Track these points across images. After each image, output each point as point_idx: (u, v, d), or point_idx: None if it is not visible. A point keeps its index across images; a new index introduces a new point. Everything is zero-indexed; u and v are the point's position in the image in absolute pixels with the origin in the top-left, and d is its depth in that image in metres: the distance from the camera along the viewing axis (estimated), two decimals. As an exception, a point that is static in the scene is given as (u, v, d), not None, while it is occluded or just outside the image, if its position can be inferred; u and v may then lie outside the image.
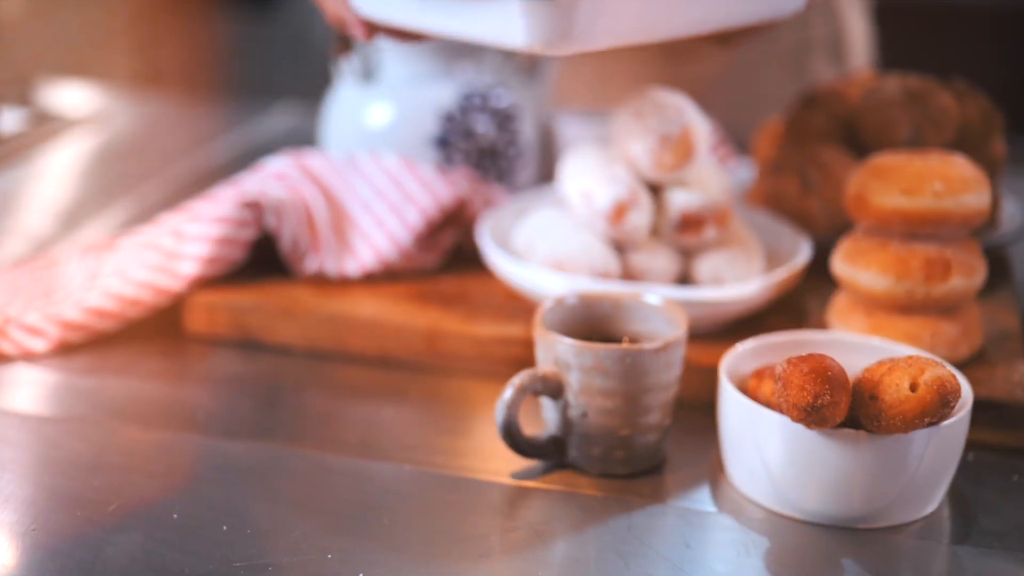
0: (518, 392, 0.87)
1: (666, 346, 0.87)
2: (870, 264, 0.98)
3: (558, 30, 0.86)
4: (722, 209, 1.07)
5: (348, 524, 0.82)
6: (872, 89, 1.21)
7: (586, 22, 0.86)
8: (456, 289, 1.14)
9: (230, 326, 1.10)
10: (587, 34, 0.87)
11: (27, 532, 0.80)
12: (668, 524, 0.84)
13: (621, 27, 0.89)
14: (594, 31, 0.87)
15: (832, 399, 0.78)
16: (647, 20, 0.90)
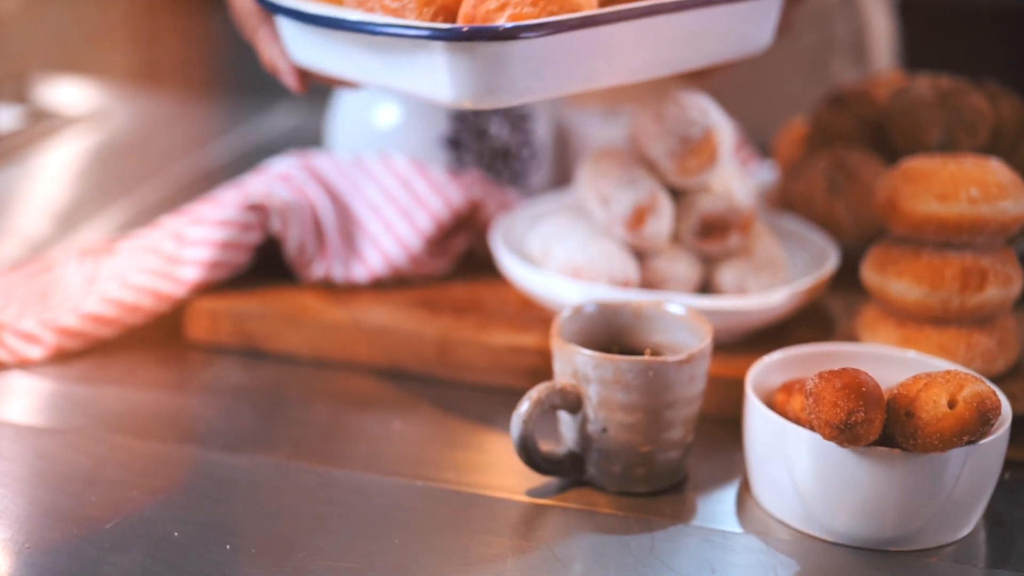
0: (535, 406, 0.85)
1: (690, 358, 0.85)
2: (902, 273, 0.97)
3: (485, 86, 0.85)
4: (746, 215, 1.06)
5: (356, 543, 0.81)
6: (901, 90, 1.19)
7: (514, 77, 0.85)
8: (468, 296, 1.13)
9: (233, 334, 1.09)
10: (517, 88, 0.86)
11: (21, 550, 0.79)
12: (691, 545, 0.83)
13: (555, 79, 0.88)
14: (525, 85, 0.86)
15: (866, 416, 0.77)
16: (584, 70, 0.89)
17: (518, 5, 0.84)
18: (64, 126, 1.68)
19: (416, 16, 0.86)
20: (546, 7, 0.84)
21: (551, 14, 0.85)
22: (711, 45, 0.96)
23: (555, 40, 0.84)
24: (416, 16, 0.86)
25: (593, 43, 0.87)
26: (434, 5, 0.86)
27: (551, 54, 0.86)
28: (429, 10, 0.86)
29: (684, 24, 0.92)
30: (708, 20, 0.93)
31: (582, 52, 0.87)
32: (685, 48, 0.94)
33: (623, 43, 0.89)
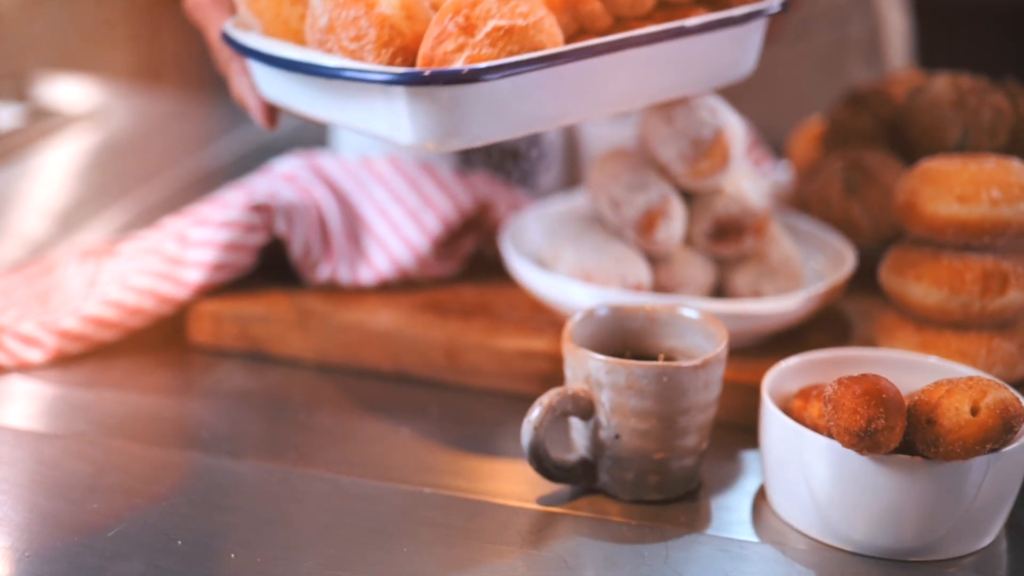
0: (546, 412, 0.85)
1: (705, 364, 0.85)
2: (921, 276, 0.96)
3: (446, 129, 0.85)
4: (761, 217, 1.05)
5: (363, 552, 0.80)
6: (919, 88, 1.18)
7: (476, 119, 0.85)
8: (477, 299, 1.12)
9: (237, 337, 1.08)
10: (479, 130, 0.86)
11: (21, 558, 0.79)
12: (706, 555, 0.82)
13: (521, 119, 0.87)
14: (488, 126, 0.86)
15: (887, 423, 0.76)
16: (552, 108, 0.88)
17: (476, 46, 0.83)
18: (64, 125, 1.67)
19: (375, 58, 0.86)
20: (506, 47, 0.84)
21: (511, 54, 0.84)
22: (688, 75, 0.95)
23: (517, 80, 0.84)
24: (375, 58, 0.86)
25: (559, 81, 0.86)
26: (392, 46, 0.85)
27: (515, 94, 0.85)
28: (387, 51, 0.86)
29: (656, 56, 0.91)
30: (681, 51, 0.92)
31: (548, 90, 0.87)
32: (660, 80, 0.93)
33: (592, 79, 0.88)
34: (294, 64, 0.88)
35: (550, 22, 0.86)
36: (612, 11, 0.91)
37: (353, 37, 0.86)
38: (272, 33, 0.94)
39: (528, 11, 0.84)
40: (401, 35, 0.86)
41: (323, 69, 0.86)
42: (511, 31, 0.83)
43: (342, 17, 0.86)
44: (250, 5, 0.94)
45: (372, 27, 0.85)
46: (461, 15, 0.84)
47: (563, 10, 0.89)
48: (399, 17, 0.86)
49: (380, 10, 0.85)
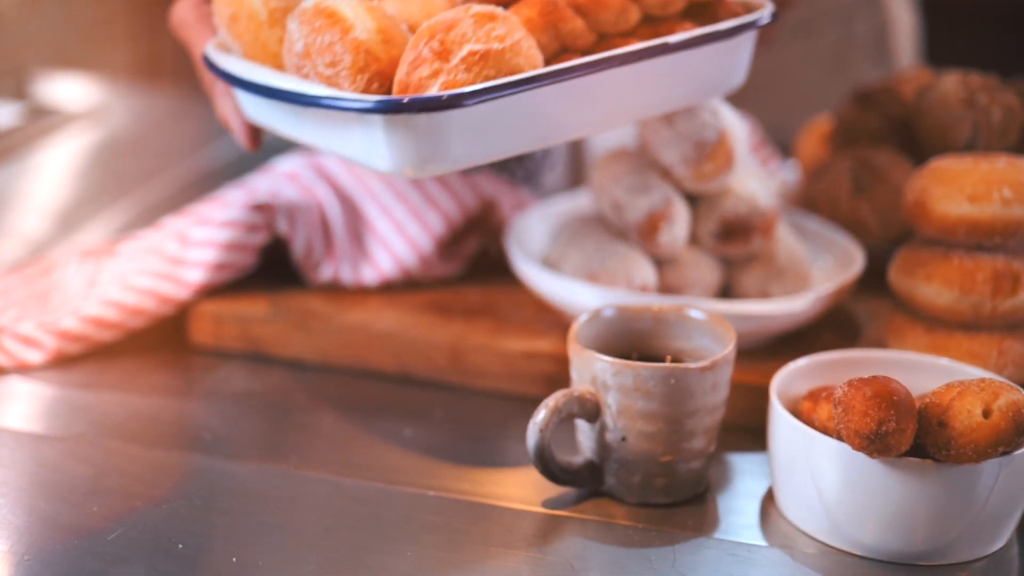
0: (552, 414, 0.84)
1: (713, 365, 0.84)
2: (931, 277, 0.96)
3: (424, 155, 0.84)
4: (769, 217, 1.04)
5: (367, 556, 0.80)
6: (929, 87, 1.18)
7: (455, 144, 0.84)
8: (481, 300, 1.12)
9: (238, 338, 1.08)
10: (458, 155, 0.85)
11: (20, 561, 0.78)
12: (714, 559, 0.82)
13: (501, 142, 0.87)
14: (467, 151, 0.85)
15: (897, 426, 0.76)
16: (533, 130, 0.87)
17: (452, 72, 0.83)
18: (64, 123, 1.67)
19: (350, 84, 0.85)
20: (482, 71, 0.83)
21: (488, 78, 0.83)
22: (675, 90, 0.94)
23: (496, 104, 0.83)
24: (350, 84, 0.85)
25: (539, 102, 0.86)
26: (368, 72, 0.85)
27: (494, 118, 0.84)
28: (363, 77, 0.85)
29: (641, 73, 0.90)
30: (667, 67, 0.91)
31: (528, 112, 0.86)
32: (645, 97, 0.93)
33: (574, 99, 0.88)
34: (270, 91, 0.88)
35: (528, 44, 0.85)
36: (595, 28, 0.90)
37: (328, 63, 0.86)
38: (251, 56, 0.94)
39: (505, 34, 0.84)
40: (377, 60, 0.85)
41: (299, 97, 0.86)
42: (487, 55, 0.83)
43: (317, 43, 0.86)
44: (229, 28, 0.94)
45: (347, 53, 0.85)
46: (436, 40, 0.83)
47: (543, 29, 0.88)
48: (375, 42, 0.86)
49: (355, 35, 0.85)
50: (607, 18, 0.90)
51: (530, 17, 0.88)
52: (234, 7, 0.93)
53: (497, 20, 0.84)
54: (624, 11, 0.90)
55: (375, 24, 0.86)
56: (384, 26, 0.87)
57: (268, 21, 0.93)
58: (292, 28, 0.88)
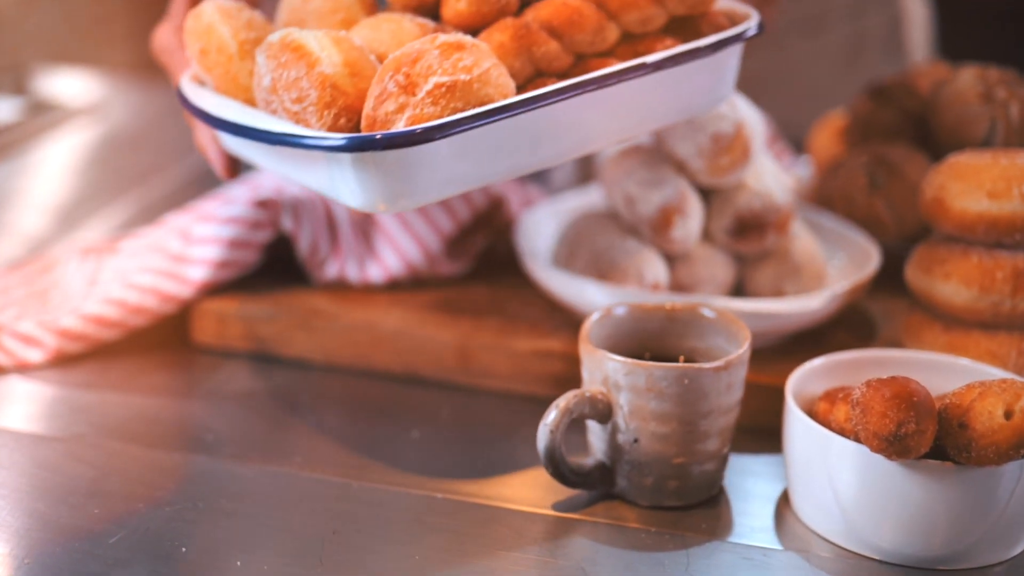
0: (563, 415, 0.84)
1: (728, 365, 0.84)
2: (949, 275, 0.95)
3: (394, 191, 0.84)
4: (784, 213, 1.04)
5: (374, 560, 0.80)
6: (946, 81, 1.17)
7: (426, 178, 0.84)
8: (489, 299, 1.11)
9: (242, 337, 1.07)
10: (431, 189, 0.85)
11: (20, 565, 0.78)
12: (728, 563, 0.81)
13: (475, 172, 0.86)
14: (440, 184, 0.85)
15: (917, 428, 0.75)
16: (509, 159, 0.86)
17: (418, 105, 0.82)
18: (64, 119, 1.67)
19: (318, 119, 0.85)
20: (449, 104, 0.82)
21: (456, 111, 0.82)
22: (656, 110, 0.93)
23: (467, 136, 0.82)
24: (318, 119, 0.85)
25: (514, 131, 0.85)
26: (335, 106, 0.85)
27: (466, 150, 0.84)
28: (330, 113, 0.85)
29: (620, 95, 0.89)
30: (648, 86, 0.90)
31: (503, 142, 0.85)
32: (625, 118, 0.91)
33: (550, 125, 0.87)
34: (238, 128, 0.87)
35: (497, 73, 0.84)
36: (571, 50, 0.90)
37: (295, 99, 0.85)
38: (222, 89, 0.93)
39: (472, 64, 0.83)
40: (344, 94, 0.85)
41: (266, 135, 0.85)
42: (453, 87, 0.82)
43: (284, 78, 0.85)
44: (199, 62, 0.94)
45: (313, 88, 0.84)
46: (401, 73, 0.82)
47: (516, 54, 0.88)
48: (341, 75, 0.85)
49: (321, 69, 0.84)
50: (583, 39, 0.89)
51: (502, 42, 0.87)
52: (203, 41, 0.93)
53: (464, 50, 0.83)
54: (601, 31, 0.90)
55: (342, 57, 0.86)
56: (351, 58, 0.86)
57: (238, 54, 0.92)
58: (260, 61, 0.88)
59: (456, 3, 0.90)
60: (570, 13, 0.89)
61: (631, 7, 0.90)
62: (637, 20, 0.91)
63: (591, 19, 0.89)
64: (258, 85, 0.88)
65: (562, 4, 0.89)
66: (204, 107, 0.91)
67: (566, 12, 0.89)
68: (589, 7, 0.89)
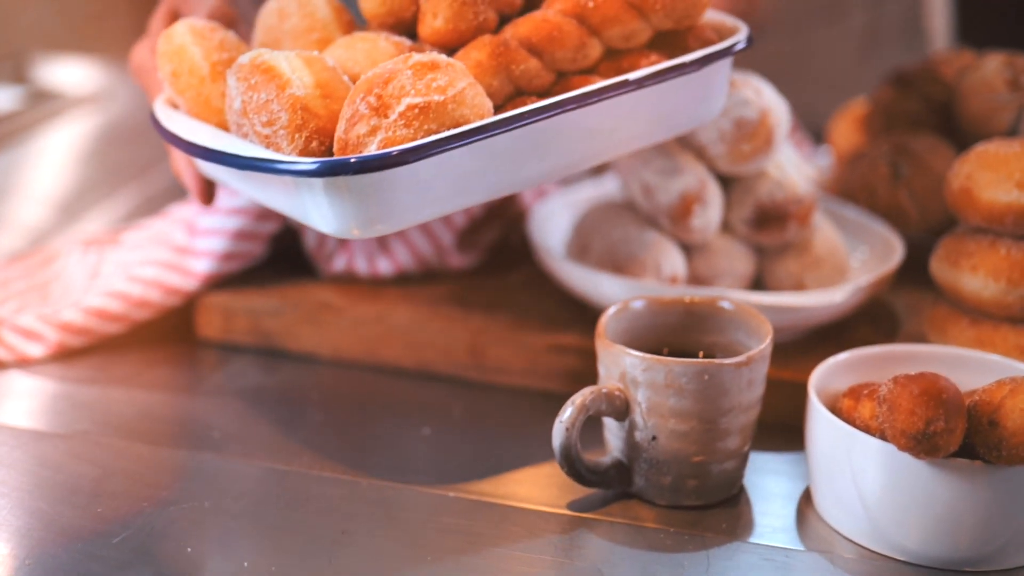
0: (579, 411, 0.83)
1: (749, 361, 0.83)
2: (977, 267, 0.94)
3: (368, 216, 0.83)
4: (807, 204, 1.03)
5: (384, 562, 0.79)
6: (971, 68, 1.16)
7: (401, 203, 0.83)
8: (502, 292, 1.11)
9: (248, 332, 1.07)
10: (405, 213, 0.84)
11: (21, 566, 0.77)
12: (750, 564, 0.80)
13: (452, 195, 0.85)
14: (414, 209, 0.84)
15: (946, 425, 0.74)
16: (488, 180, 0.85)
17: (390, 128, 0.81)
18: (65, 108, 1.67)
19: (289, 143, 0.84)
20: (423, 126, 0.81)
21: (430, 132, 0.81)
22: (641, 129, 0.92)
23: (442, 159, 0.81)
24: (289, 143, 0.84)
25: (491, 152, 0.84)
26: (307, 130, 0.84)
27: (441, 173, 0.83)
28: (301, 136, 0.84)
29: (600, 115, 0.87)
30: (633, 104, 0.89)
31: (480, 163, 0.84)
32: (608, 138, 0.90)
33: (529, 145, 0.86)
34: (209, 153, 0.87)
35: (473, 93, 0.83)
36: (552, 67, 0.89)
37: (265, 122, 0.84)
38: (195, 112, 0.93)
39: (446, 84, 0.82)
40: (316, 117, 0.84)
41: (233, 160, 0.85)
42: (427, 108, 0.81)
43: (254, 100, 0.85)
44: (171, 84, 0.93)
45: (284, 111, 0.83)
46: (373, 95, 0.81)
47: (495, 73, 0.87)
48: (313, 97, 0.84)
49: (292, 91, 0.83)
50: (564, 56, 0.88)
51: (479, 61, 0.86)
52: (174, 63, 0.93)
53: (439, 69, 0.82)
54: (582, 47, 0.89)
55: (313, 78, 0.85)
56: (323, 79, 0.85)
57: (210, 76, 0.91)
58: (231, 83, 0.87)
59: (432, 21, 0.88)
60: (550, 29, 0.88)
61: (614, 22, 0.89)
62: (620, 35, 0.89)
63: (572, 36, 0.88)
64: (229, 108, 0.88)
65: (542, 20, 0.88)
66: (176, 131, 0.91)
67: (546, 28, 0.88)
68: (570, 23, 0.88)
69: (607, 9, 0.88)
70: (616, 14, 0.89)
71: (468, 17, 0.88)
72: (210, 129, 0.91)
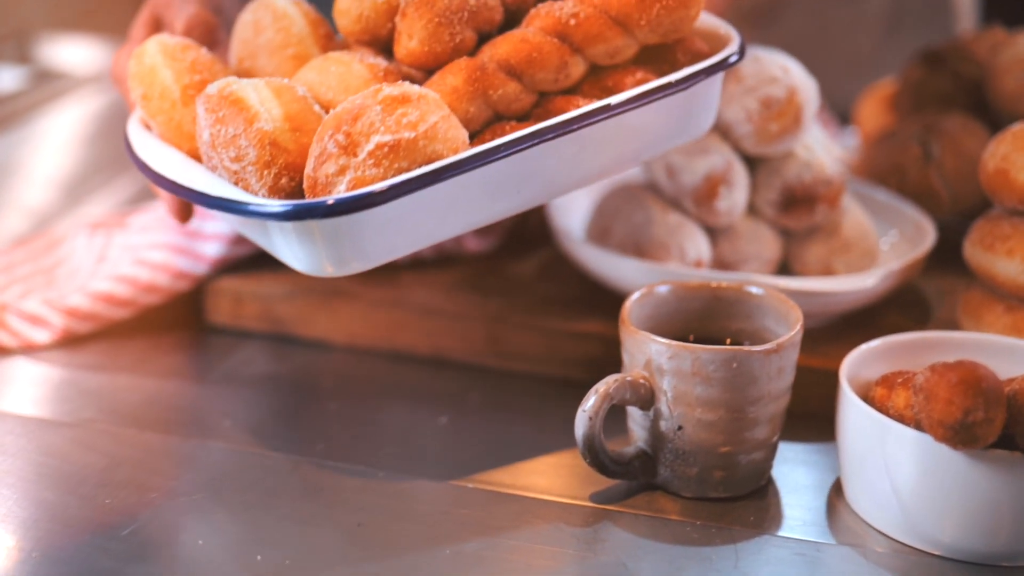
0: (603, 400, 0.82)
1: (779, 348, 0.82)
2: (1013, 251, 0.93)
3: (341, 256, 0.82)
4: (836, 186, 1.02)
5: (401, 555, 0.78)
6: (1004, 45, 1.15)
7: (373, 242, 0.82)
8: (520, 276, 1.10)
9: (259, 318, 1.06)
10: (379, 252, 0.83)
11: (27, 558, 0.77)
12: (779, 558, 0.79)
13: (428, 231, 0.84)
14: (389, 246, 0.83)
15: (986, 415, 0.73)
16: (464, 214, 0.84)
17: (359, 167, 0.79)
18: (70, 88, 1.66)
19: (257, 180, 0.83)
20: (393, 164, 0.80)
21: (401, 171, 0.80)
22: (628, 149, 0.90)
23: (414, 197, 0.80)
24: (257, 180, 0.83)
25: (467, 186, 0.82)
26: (275, 166, 0.82)
27: (416, 210, 0.81)
28: (270, 173, 0.82)
29: (581, 140, 0.86)
30: (612, 128, 0.87)
31: (456, 198, 0.83)
32: (592, 161, 0.88)
33: (506, 177, 0.84)
34: (176, 187, 0.85)
35: (446, 126, 0.81)
36: (532, 88, 0.87)
37: (234, 157, 0.83)
38: (166, 137, 0.91)
39: (417, 119, 0.80)
40: (285, 152, 0.83)
41: (203, 199, 0.83)
42: (396, 147, 0.80)
43: (222, 135, 0.83)
44: (142, 107, 0.92)
45: (252, 147, 0.82)
46: (341, 132, 0.80)
47: (471, 99, 0.85)
48: (282, 131, 0.83)
49: (260, 126, 0.82)
50: (545, 77, 0.87)
51: (455, 87, 0.85)
52: (145, 85, 0.91)
53: (409, 103, 0.81)
54: (563, 67, 0.87)
55: (282, 110, 0.84)
56: (293, 111, 0.84)
57: (181, 99, 0.90)
58: (200, 113, 0.86)
59: (408, 42, 0.87)
60: (529, 50, 0.86)
61: (597, 39, 0.87)
62: (604, 53, 0.88)
63: (553, 56, 0.86)
64: (200, 138, 0.86)
65: (521, 40, 0.87)
66: (146, 159, 0.89)
67: (525, 50, 0.86)
68: (551, 43, 0.86)
69: (590, 26, 0.87)
70: (599, 31, 0.87)
71: (444, 39, 0.86)
72: (181, 158, 0.89)
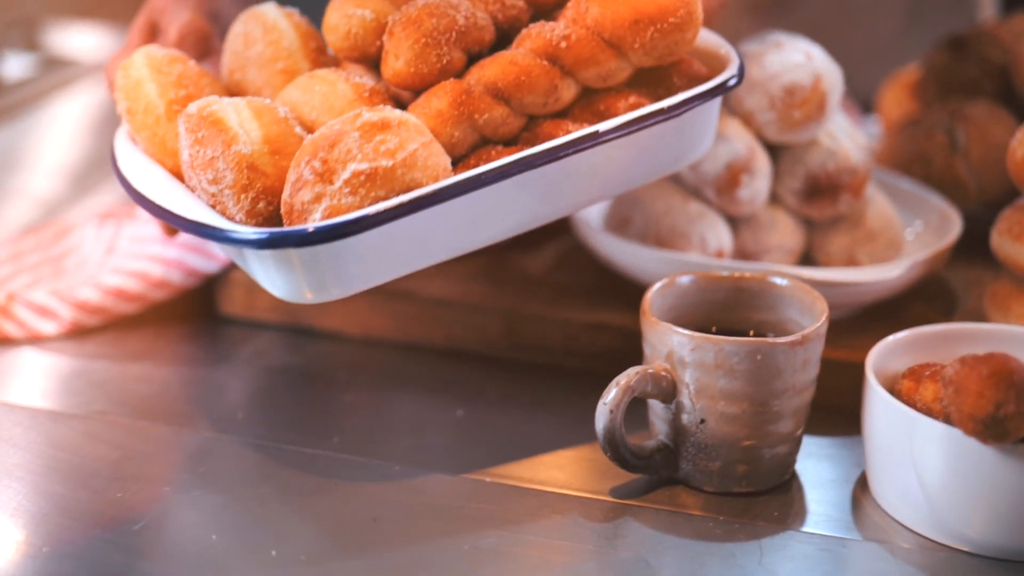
0: (624, 393, 0.81)
1: (804, 340, 0.81)
2: (1041, 242, 0.93)
3: (319, 283, 0.82)
4: (861, 175, 1.01)
5: (418, 551, 0.78)
6: (1032, 31, 1.15)
7: (351, 270, 0.81)
8: (538, 266, 1.10)
9: (273, 309, 1.06)
10: (358, 279, 0.83)
11: (38, 554, 0.77)
12: (805, 554, 0.79)
13: (408, 258, 0.84)
14: (368, 274, 0.83)
15: (1017, 409, 0.73)
16: (444, 242, 0.84)
17: (335, 196, 0.79)
18: (78, 76, 1.66)
19: (235, 204, 0.83)
20: (370, 192, 0.79)
21: (378, 199, 0.79)
22: (619, 176, 0.89)
23: (391, 226, 0.79)
24: (235, 204, 0.83)
25: (447, 214, 0.82)
26: (253, 190, 0.82)
27: (394, 238, 0.81)
28: (247, 197, 0.82)
29: (567, 167, 0.85)
30: (601, 155, 0.86)
31: (436, 226, 0.82)
32: (582, 188, 0.88)
33: (489, 204, 0.83)
34: (155, 210, 0.85)
35: (426, 154, 0.81)
36: (521, 111, 0.86)
37: (211, 180, 0.83)
38: (151, 152, 0.91)
39: (396, 147, 0.80)
40: (263, 176, 0.82)
41: (180, 222, 0.83)
42: (373, 175, 0.79)
43: (200, 156, 0.83)
44: (128, 121, 0.92)
45: (230, 170, 0.82)
46: (318, 159, 0.80)
47: (456, 123, 0.85)
48: (260, 154, 0.82)
49: (238, 148, 0.82)
50: (534, 100, 0.86)
51: (440, 110, 0.84)
52: (130, 99, 0.91)
53: (389, 130, 0.80)
54: (553, 91, 0.86)
55: (262, 132, 0.83)
56: (272, 134, 0.84)
57: (165, 115, 0.90)
58: (181, 132, 0.85)
59: (394, 62, 0.87)
60: (518, 73, 0.85)
61: (589, 63, 0.86)
62: (597, 76, 0.87)
63: (542, 80, 0.85)
64: (181, 157, 0.86)
65: (509, 63, 0.86)
66: (129, 176, 0.89)
67: (513, 72, 0.85)
68: (540, 66, 0.86)
69: (581, 49, 0.86)
70: (592, 54, 0.86)
71: (431, 60, 0.86)
72: (163, 176, 0.89)
